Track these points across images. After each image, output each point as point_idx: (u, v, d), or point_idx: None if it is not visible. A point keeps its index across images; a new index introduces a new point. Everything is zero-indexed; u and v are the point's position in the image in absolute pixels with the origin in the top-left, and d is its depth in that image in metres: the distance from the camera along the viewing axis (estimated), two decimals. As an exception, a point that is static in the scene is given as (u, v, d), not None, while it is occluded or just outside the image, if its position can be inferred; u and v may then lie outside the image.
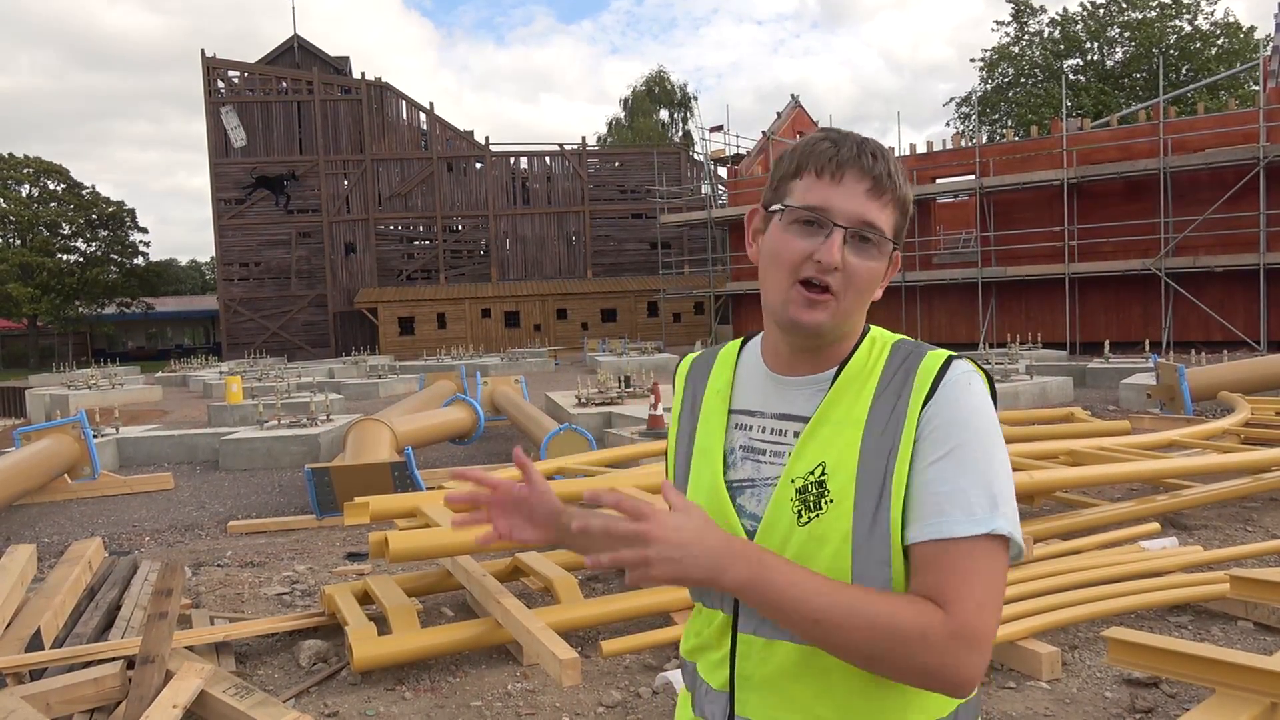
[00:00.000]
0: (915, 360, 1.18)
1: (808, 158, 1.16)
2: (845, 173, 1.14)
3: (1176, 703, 3.52)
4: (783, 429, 1.22)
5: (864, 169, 1.14)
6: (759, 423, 1.25)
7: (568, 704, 3.71)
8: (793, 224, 1.16)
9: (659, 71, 57.65)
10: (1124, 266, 22.65)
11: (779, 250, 1.16)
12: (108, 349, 53.14)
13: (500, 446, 11.84)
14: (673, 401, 1.43)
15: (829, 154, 1.15)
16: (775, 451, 1.21)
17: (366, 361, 29.18)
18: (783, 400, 1.23)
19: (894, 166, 1.16)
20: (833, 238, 1.13)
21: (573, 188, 41.62)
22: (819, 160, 1.15)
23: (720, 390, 1.30)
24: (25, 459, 8.87)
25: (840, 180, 1.14)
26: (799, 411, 1.21)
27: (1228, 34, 40.53)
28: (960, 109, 46.32)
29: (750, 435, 1.25)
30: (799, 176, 1.17)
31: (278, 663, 4.25)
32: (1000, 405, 10.12)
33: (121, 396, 21.09)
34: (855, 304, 1.16)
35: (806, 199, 1.15)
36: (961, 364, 1.16)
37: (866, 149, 1.15)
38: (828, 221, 1.13)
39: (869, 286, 1.17)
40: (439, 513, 4.62)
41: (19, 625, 4.10)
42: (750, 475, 1.22)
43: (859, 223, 1.14)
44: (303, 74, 39.88)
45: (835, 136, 1.17)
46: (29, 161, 47.18)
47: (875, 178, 1.14)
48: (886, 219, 1.16)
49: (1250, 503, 6.55)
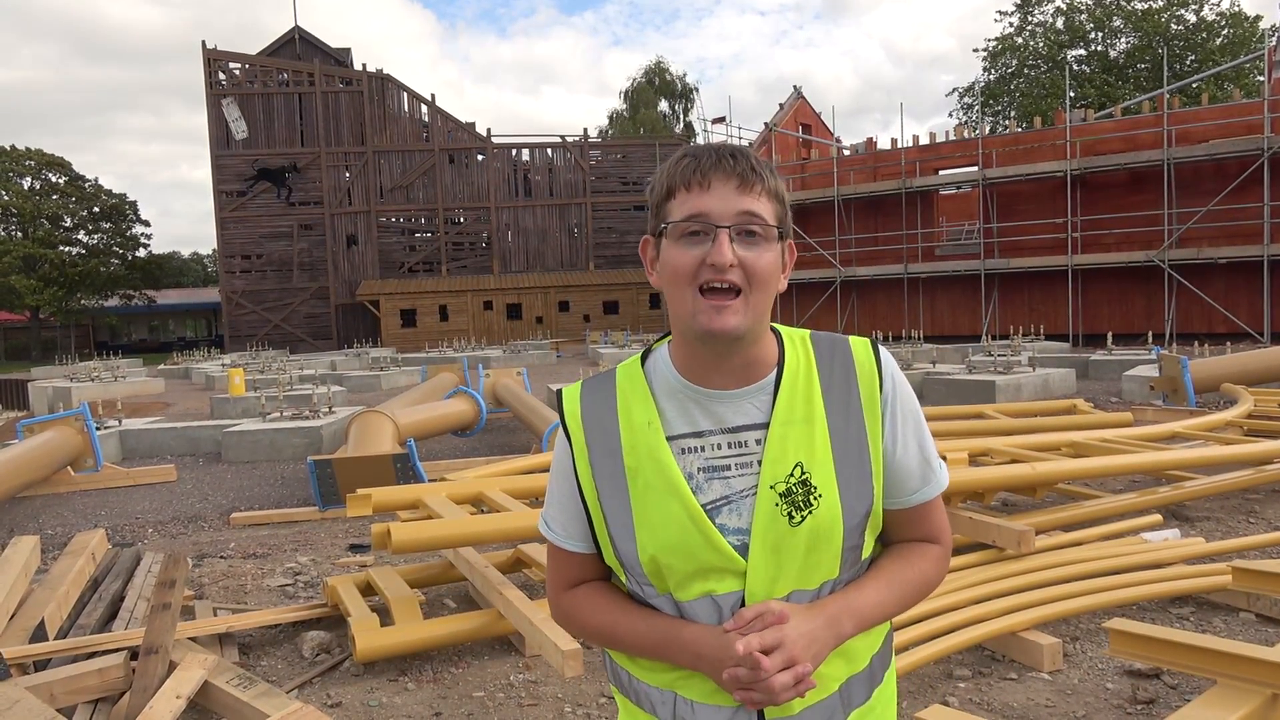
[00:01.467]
0: (844, 350, 1.29)
1: (674, 177, 1.22)
2: (711, 178, 1.19)
3: (1178, 694, 3.52)
4: (742, 440, 1.23)
5: (727, 170, 1.19)
6: (711, 441, 1.23)
7: (570, 694, 3.72)
8: (680, 239, 1.19)
9: (658, 62, 57.43)
10: (1127, 258, 22.60)
11: (674, 265, 1.20)
12: (110, 341, 53.20)
13: (502, 439, 11.85)
14: (558, 455, 1.32)
15: (691, 167, 1.20)
16: (741, 464, 1.23)
17: (368, 354, 29.18)
18: (731, 413, 1.24)
19: (756, 162, 1.21)
20: (719, 239, 1.17)
21: (574, 179, 41.55)
22: (685, 175, 1.20)
23: (650, 422, 1.24)
24: (28, 451, 8.89)
25: (708, 186, 1.19)
26: (752, 420, 1.23)
27: (1233, 24, 40.29)
28: (963, 99, 46.20)
29: (705, 456, 1.23)
30: (672, 197, 1.22)
31: (281, 654, 4.26)
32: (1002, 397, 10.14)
33: (124, 389, 21.12)
34: (762, 299, 1.20)
35: (684, 211, 1.19)
36: (882, 348, 1.31)
37: (725, 152, 1.20)
38: (710, 226, 1.17)
39: (770, 278, 1.20)
40: (441, 504, 4.62)
41: (23, 616, 4.12)
42: (722, 493, 1.22)
43: (738, 217, 1.18)
44: (304, 66, 39.79)
45: (694, 151, 1.22)
46: (30, 154, 47.18)
47: (740, 175, 1.19)
48: (764, 208, 1.20)
49: (1253, 494, 6.55)
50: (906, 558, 1.32)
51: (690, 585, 1.22)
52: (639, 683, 1.30)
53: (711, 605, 1.22)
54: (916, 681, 3.69)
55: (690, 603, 1.23)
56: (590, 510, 1.28)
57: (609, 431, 1.26)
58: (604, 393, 1.29)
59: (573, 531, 1.32)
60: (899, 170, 26.39)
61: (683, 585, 1.22)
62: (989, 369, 14.51)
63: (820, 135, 32.69)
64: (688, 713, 1.25)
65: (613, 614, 1.30)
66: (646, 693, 1.29)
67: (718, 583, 1.21)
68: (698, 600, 1.22)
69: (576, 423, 1.29)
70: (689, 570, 1.21)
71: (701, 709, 1.24)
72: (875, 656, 1.31)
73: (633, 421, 1.25)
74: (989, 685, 3.66)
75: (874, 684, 1.31)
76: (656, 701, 1.28)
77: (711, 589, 1.21)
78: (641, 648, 1.28)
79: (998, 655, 3.92)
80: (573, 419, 1.29)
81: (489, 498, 4.87)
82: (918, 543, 1.34)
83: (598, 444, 1.26)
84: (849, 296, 28.01)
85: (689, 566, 1.21)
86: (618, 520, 1.24)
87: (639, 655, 1.30)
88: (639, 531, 1.22)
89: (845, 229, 27.38)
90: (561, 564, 1.35)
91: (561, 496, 1.32)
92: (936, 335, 25.77)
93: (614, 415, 1.26)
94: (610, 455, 1.25)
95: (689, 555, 1.20)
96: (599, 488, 1.26)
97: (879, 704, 1.32)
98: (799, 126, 31.97)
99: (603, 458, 1.25)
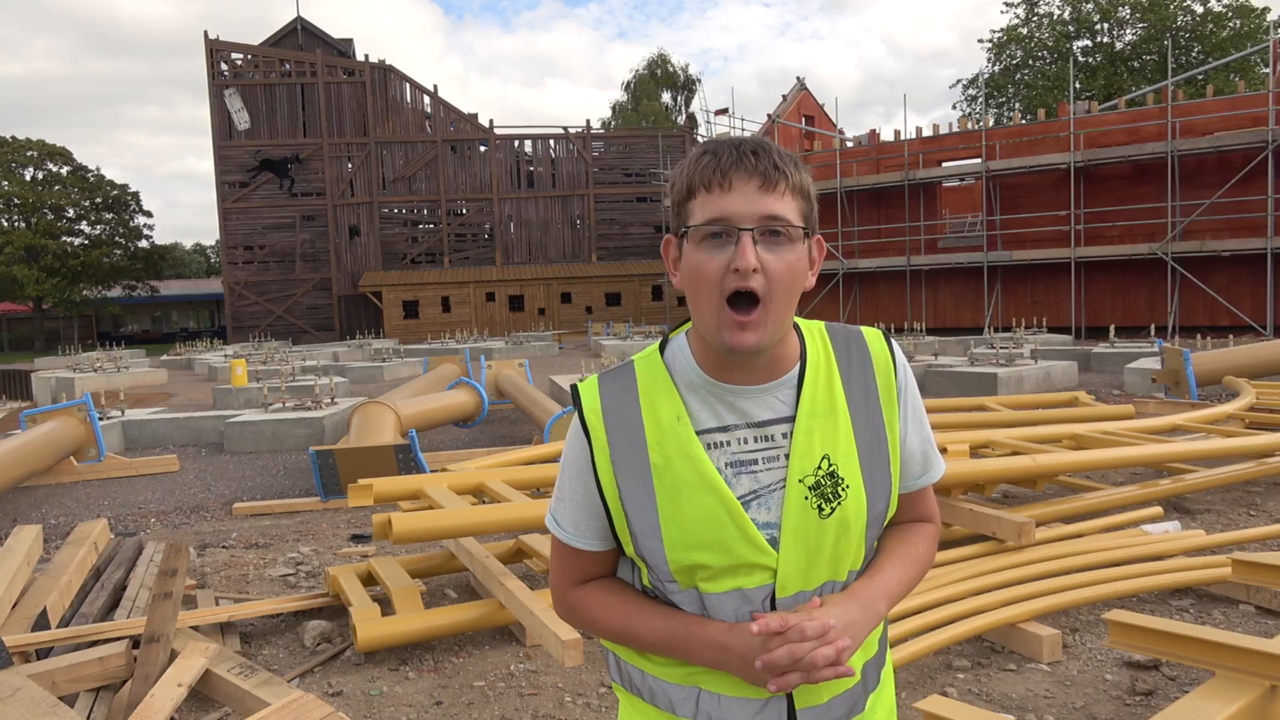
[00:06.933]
0: (860, 342, 1.30)
1: (694, 176, 1.18)
2: (732, 178, 1.15)
3: (1177, 685, 3.53)
4: (769, 434, 1.22)
5: (749, 169, 1.15)
6: (738, 435, 1.22)
7: (570, 684, 3.73)
8: (702, 242, 1.16)
9: (660, 54, 57.20)
10: (1130, 251, 22.53)
11: (698, 270, 1.17)
12: (113, 332, 53.29)
13: (504, 430, 11.86)
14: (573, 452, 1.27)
15: (712, 166, 1.16)
16: (768, 458, 1.22)
17: (371, 345, 29.24)
18: (755, 408, 1.23)
19: (779, 158, 1.17)
20: (742, 243, 1.13)
21: (577, 171, 41.46)
22: (705, 175, 1.16)
23: (679, 416, 1.21)
24: (31, 441, 8.91)
25: (730, 187, 1.15)
26: (777, 415, 1.23)
27: (1240, 15, 40.04)
28: (967, 91, 46.00)
29: (732, 451, 1.21)
30: (693, 197, 1.18)
31: (282, 643, 4.28)
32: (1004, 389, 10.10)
33: (127, 379, 21.16)
34: (785, 305, 1.17)
35: (706, 214, 1.15)
36: (891, 338, 1.33)
37: (746, 149, 1.16)
38: (732, 229, 1.14)
39: (794, 281, 1.17)
40: (442, 495, 4.63)
41: (26, 605, 4.13)
42: (751, 488, 1.21)
43: (761, 219, 1.14)
44: (306, 56, 39.69)
45: (714, 148, 1.18)
46: (32, 144, 47.10)
47: (762, 173, 1.15)
48: (788, 208, 1.16)
49: (1254, 487, 6.54)
50: (909, 537, 1.37)
51: (721, 580, 1.20)
52: (655, 680, 1.27)
53: (740, 599, 1.20)
54: (916, 672, 3.70)
55: (718, 596, 1.21)
56: (610, 509, 1.24)
57: (632, 428, 1.22)
58: (624, 387, 1.25)
59: (585, 530, 1.28)
60: (902, 162, 26.32)
61: (713, 580, 1.20)
62: (991, 361, 14.49)
63: (823, 127, 32.59)
64: (714, 707, 1.23)
65: (626, 611, 1.28)
66: (664, 690, 1.26)
67: (747, 577, 1.20)
68: (726, 594, 1.20)
69: (597, 419, 1.24)
70: (722, 565, 1.19)
71: (729, 702, 1.22)
72: (880, 640, 1.34)
73: (659, 417, 1.21)
74: (988, 676, 3.67)
75: (880, 667, 1.33)
76: (676, 699, 1.25)
77: (741, 583, 1.20)
78: (658, 645, 1.25)
79: (997, 646, 3.93)
80: (593, 414, 1.24)
81: (490, 488, 4.88)
82: (913, 523, 1.39)
83: (620, 441, 1.22)
84: (851, 288, 27.97)
85: (723, 562, 1.19)
86: (642, 518, 1.21)
87: (655, 652, 1.26)
88: (666, 529, 1.19)
89: (848, 221, 27.34)
90: (569, 561, 1.32)
91: (575, 494, 1.27)
92: (939, 327, 25.73)
93: (637, 410, 1.22)
94: (634, 452, 1.21)
95: (724, 550, 1.18)
96: (620, 485, 1.22)
97: (886, 687, 1.35)
98: (802, 118, 31.86)
99: (626, 454, 1.21)
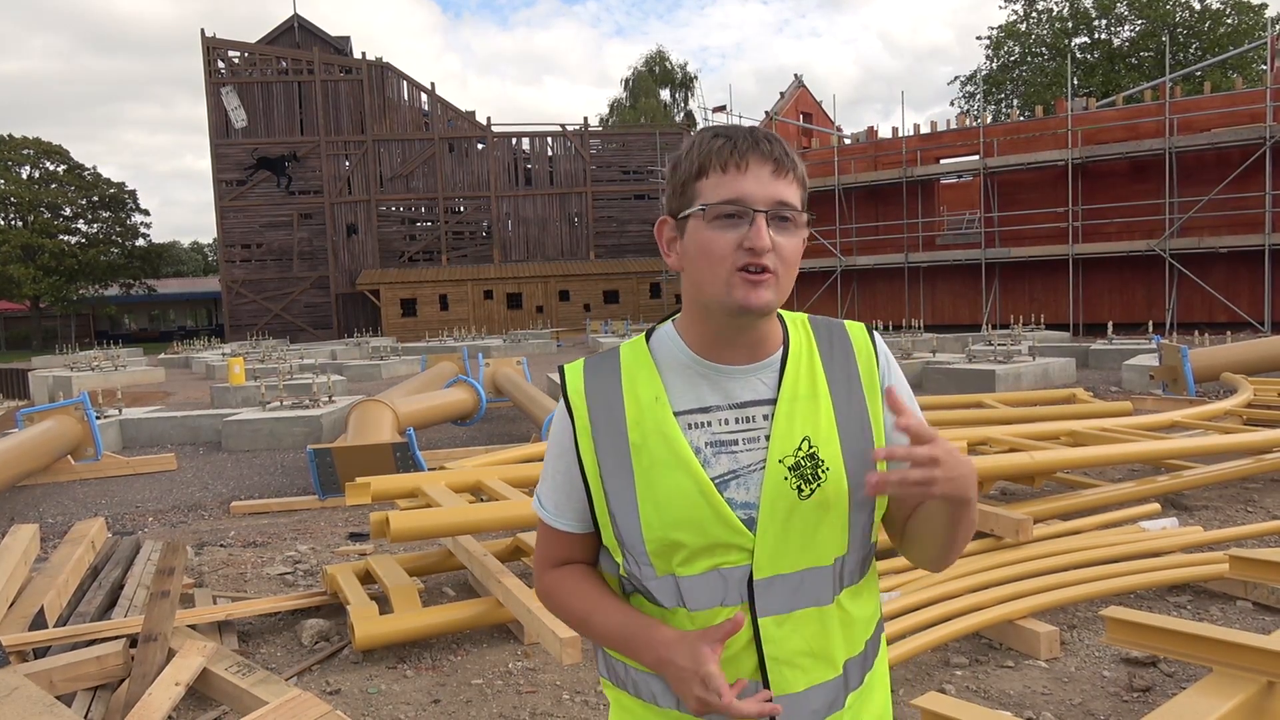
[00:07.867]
0: (841, 332, 1.33)
1: (708, 157, 1.21)
2: (749, 161, 1.19)
3: (1174, 682, 3.53)
4: (750, 415, 1.24)
5: (764, 154, 1.19)
6: (719, 416, 1.24)
7: (568, 682, 3.73)
8: (715, 220, 1.19)
9: (658, 51, 57.21)
10: (1128, 247, 22.54)
11: (709, 247, 1.20)
12: (110, 331, 53.22)
13: (502, 428, 11.86)
14: (557, 432, 1.31)
15: (728, 149, 1.20)
16: (748, 438, 1.24)
17: (369, 343, 29.23)
18: (739, 388, 1.25)
19: (787, 147, 1.22)
20: (757, 223, 1.18)
21: (575, 169, 41.42)
22: (721, 157, 1.20)
23: (657, 396, 1.24)
24: (28, 440, 8.90)
25: (746, 170, 1.19)
26: (759, 396, 1.25)
27: (1238, 12, 40.05)
28: (965, 88, 45.97)
29: (712, 431, 1.23)
30: (704, 176, 1.21)
31: (280, 641, 4.28)
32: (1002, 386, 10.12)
33: (124, 378, 21.14)
34: (790, 281, 1.22)
35: (721, 194, 1.19)
36: (874, 332, 1.35)
37: (759, 135, 1.21)
38: (748, 210, 1.18)
39: (797, 261, 1.24)
40: (440, 493, 4.63)
41: (23, 604, 4.13)
42: (729, 468, 1.22)
43: (775, 204, 1.19)
44: (303, 54, 39.62)
45: (727, 132, 1.22)
46: (28, 142, 46.99)
47: (776, 160, 1.20)
48: (794, 195, 1.21)
49: (1251, 483, 6.55)
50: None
51: (697, 561, 1.22)
52: (638, 672, 1.29)
53: (718, 579, 1.21)
54: (914, 669, 3.70)
55: (693, 579, 1.22)
56: (591, 488, 1.26)
57: (613, 407, 1.25)
58: (608, 369, 1.28)
59: (565, 510, 1.31)
60: (900, 159, 26.30)
61: (689, 562, 1.22)
62: (989, 358, 14.50)
63: (821, 124, 32.58)
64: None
65: (588, 601, 1.30)
66: (647, 682, 1.28)
67: (723, 557, 1.21)
68: (702, 576, 1.22)
69: (580, 399, 1.27)
70: (698, 546, 1.21)
71: None
72: (869, 641, 1.32)
73: (638, 397, 1.24)
74: (986, 673, 3.67)
75: (866, 669, 1.32)
76: (658, 691, 1.27)
77: (718, 563, 1.21)
78: (613, 639, 1.28)
79: (995, 643, 3.93)
80: (575, 395, 1.27)
81: (488, 486, 4.88)
82: None
83: (601, 420, 1.25)
84: (849, 285, 27.96)
85: (698, 541, 1.20)
86: (620, 498, 1.23)
87: (608, 646, 1.31)
88: (643, 508, 1.21)
89: (846, 218, 27.32)
90: (550, 542, 1.35)
91: (558, 474, 1.30)
92: (937, 324, 25.73)
93: (618, 391, 1.25)
94: (614, 431, 1.24)
95: (698, 530, 1.20)
96: (601, 464, 1.24)
97: (876, 691, 1.34)
98: (800, 115, 31.85)
99: (606, 434, 1.24)
